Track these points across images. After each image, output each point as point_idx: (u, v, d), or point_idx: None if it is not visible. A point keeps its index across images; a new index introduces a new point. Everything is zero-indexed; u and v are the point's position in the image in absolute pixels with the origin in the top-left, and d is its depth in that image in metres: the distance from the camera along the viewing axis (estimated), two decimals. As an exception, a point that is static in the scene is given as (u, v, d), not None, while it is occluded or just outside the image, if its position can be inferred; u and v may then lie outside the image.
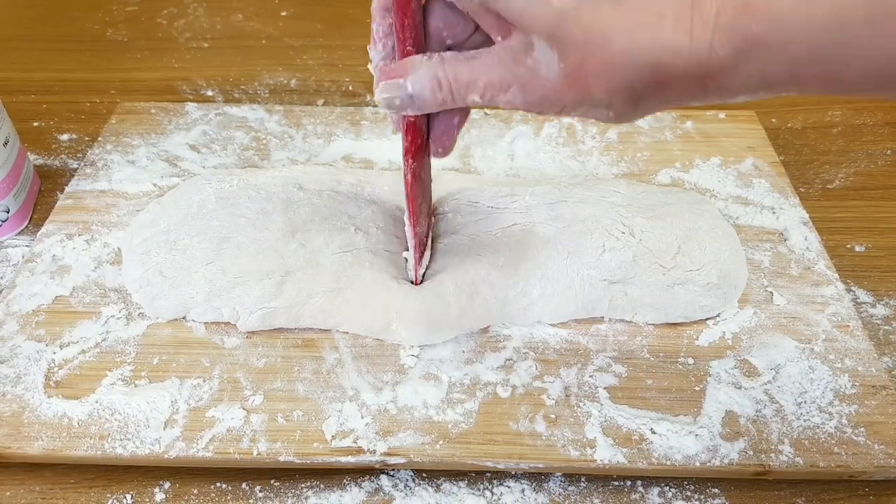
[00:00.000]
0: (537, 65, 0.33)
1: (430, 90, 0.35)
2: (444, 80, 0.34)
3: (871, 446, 0.43)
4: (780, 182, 0.62)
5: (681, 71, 0.31)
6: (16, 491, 0.43)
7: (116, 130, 0.65)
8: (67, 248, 0.54)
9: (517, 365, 0.47)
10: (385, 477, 0.44)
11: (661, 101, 0.33)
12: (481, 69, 0.34)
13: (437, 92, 0.35)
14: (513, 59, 0.33)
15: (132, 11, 0.88)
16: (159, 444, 0.42)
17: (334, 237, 0.50)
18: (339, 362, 0.47)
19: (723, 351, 0.49)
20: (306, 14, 0.89)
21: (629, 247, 0.50)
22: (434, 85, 0.35)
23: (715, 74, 0.31)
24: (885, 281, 0.56)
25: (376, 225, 0.51)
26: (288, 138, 0.66)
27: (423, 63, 0.35)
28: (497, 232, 0.51)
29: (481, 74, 0.34)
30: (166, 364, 0.47)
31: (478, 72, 0.34)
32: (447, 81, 0.34)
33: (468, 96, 0.35)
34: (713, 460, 0.43)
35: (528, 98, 0.34)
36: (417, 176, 0.43)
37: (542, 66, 0.33)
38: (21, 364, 0.46)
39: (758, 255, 0.55)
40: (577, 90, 0.33)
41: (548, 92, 0.33)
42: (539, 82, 0.33)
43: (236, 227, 0.50)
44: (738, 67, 0.30)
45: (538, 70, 0.33)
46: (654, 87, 0.32)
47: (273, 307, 0.48)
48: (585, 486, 0.44)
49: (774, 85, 0.31)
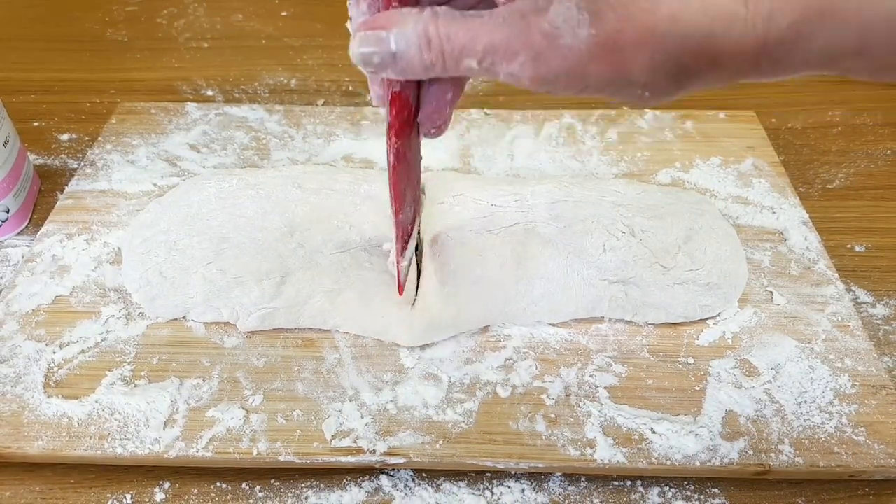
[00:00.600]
0: (557, 30, 0.27)
1: (416, 48, 0.29)
2: (436, 37, 0.28)
3: (871, 446, 0.43)
4: (780, 182, 0.62)
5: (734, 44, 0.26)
6: (16, 491, 0.43)
7: (116, 130, 0.65)
8: (67, 248, 0.54)
9: (517, 365, 0.47)
10: (385, 477, 0.44)
11: (708, 80, 0.28)
12: (482, 30, 0.28)
13: (425, 52, 0.29)
14: (524, 20, 0.28)
15: (132, 11, 0.88)
16: (159, 443, 0.42)
17: (332, 236, 0.50)
18: (339, 362, 0.47)
19: (723, 351, 0.49)
20: (306, 14, 0.89)
21: (629, 246, 0.50)
22: (423, 43, 0.29)
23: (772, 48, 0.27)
24: (885, 281, 0.56)
25: (370, 221, 0.51)
26: (288, 138, 0.66)
27: (412, 16, 0.29)
28: (499, 231, 0.51)
29: (481, 36, 0.28)
30: (166, 364, 0.47)
31: (477, 32, 0.28)
32: (438, 40, 0.28)
33: (462, 61, 0.29)
34: (713, 460, 0.43)
35: (541, 71, 0.28)
36: (402, 156, 0.37)
37: (565, 32, 0.27)
38: (21, 364, 0.46)
39: (758, 254, 0.55)
40: (610, 64, 0.27)
41: (570, 65, 0.27)
42: (558, 52, 0.27)
43: (236, 227, 0.50)
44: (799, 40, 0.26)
45: (558, 37, 0.27)
46: (704, 61, 0.27)
47: (272, 308, 0.48)
48: (585, 486, 0.44)
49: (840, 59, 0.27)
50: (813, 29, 0.26)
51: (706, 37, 0.26)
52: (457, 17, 0.29)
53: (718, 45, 0.27)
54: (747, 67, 0.28)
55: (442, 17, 0.29)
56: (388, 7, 0.30)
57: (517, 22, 0.28)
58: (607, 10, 0.26)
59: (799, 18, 0.26)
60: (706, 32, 0.26)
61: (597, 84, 0.28)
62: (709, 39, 0.26)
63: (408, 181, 0.40)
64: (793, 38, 0.26)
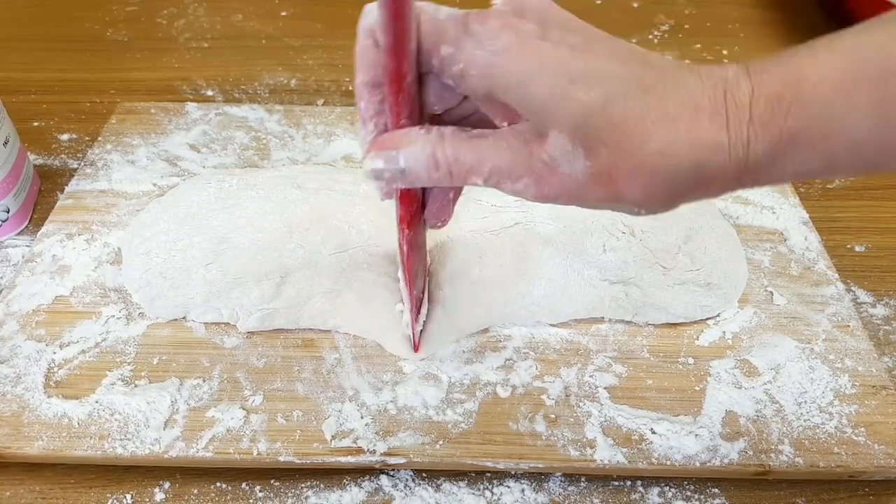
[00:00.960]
0: (555, 160, 0.29)
1: (425, 168, 0.31)
2: (443, 159, 0.30)
3: (871, 446, 0.43)
4: (781, 182, 0.62)
5: (720, 169, 0.29)
6: (16, 491, 0.43)
7: (116, 130, 0.65)
8: (67, 248, 0.54)
9: (517, 365, 0.47)
10: (385, 477, 0.44)
11: (700, 197, 0.31)
12: (487, 152, 0.30)
13: (432, 171, 0.31)
14: (526, 147, 0.30)
15: (132, 11, 0.88)
16: (159, 444, 0.42)
17: (331, 236, 0.50)
18: (339, 362, 0.47)
19: (723, 351, 0.49)
20: (306, 14, 0.89)
21: (629, 247, 0.50)
22: (430, 163, 0.30)
23: (752, 170, 0.29)
24: (885, 281, 0.56)
25: (368, 220, 0.51)
26: (288, 138, 0.66)
27: (420, 137, 0.31)
28: (499, 231, 0.51)
29: (487, 158, 0.30)
30: (166, 364, 0.47)
31: (483, 155, 0.30)
32: (446, 161, 0.30)
33: (468, 179, 0.31)
34: (713, 460, 0.43)
35: (544, 192, 0.30)
36: (413, 244, 0.39)
37: (563, 162, 0.29)
38: (21, 364, 0.46)
39: (758, 254, 0.55)
40: (607, 190, 0.30)
41: (570, 189, 0.30)
42: (558, 178, 0.30)
43: (235, 227, 0.50)
44: (774, 163, 0.29)
45: (558, 165, 0.29)
46: (693, 186, 0.29)
47: (272, 308, 0.48)
48: (585, 486, 0.44)
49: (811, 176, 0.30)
50: (785, 154, 0.28)
51: (695, 167, 0.28)
52: (463, 138, 0.31)
53: (705, 172, 0.29)
54: (732, 185, 0.30)
55: (448, 138, 0.31)
56: (396, 126, 0.32)
57: (521, 148, 0.30)
58: (599, 145, 0.28)
59: (772, 145, 0.28)
60: (694, 163, 0.28)
61: (595, 203, 0.31)
62: (698, 170, 0.28)
63: (418, 261, 0.43)
64: (769, 161, 0.28)
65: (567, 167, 0.29)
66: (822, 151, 0.28)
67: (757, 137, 0.28)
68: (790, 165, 0.29)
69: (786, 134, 0.28)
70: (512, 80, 0.29)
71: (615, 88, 0.28)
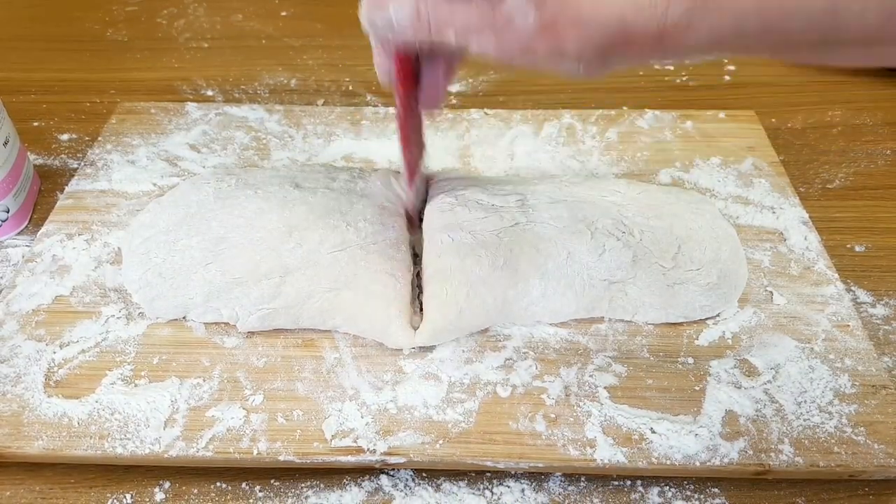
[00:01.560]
0: (512, 15, 0.35)
1: (409, 18, 0.37)
2: (424, 13, 0.36)
3: (871, 446, 0.43)
4: (780, 182, 0.62)
5: (642, 28, 0.33)
6: (16, 490, 0.43)
7: (116, 130, 0.65)
8: (67, 248, 0.54)
9: (517, 364, 0.47)
10: (385, 476, 0.44)
11: (626, 58, 0.35)
12: (459, 10, 0.36)
13: (415, 21, 0.37)
14: (489, 6, 0.35)
15: (132, 11, 0.88)
16: (159, 443, 0.42)
17: (329, 235, 0.50)
18: (339, 362, 0.47)
19: (723, 350, 0.49)
20: (306, 14, 0.89)
21: (629, 246, 0.50)
22: (414, 14, 0.36)
23: (671, 32, 0.33)
24: (884, 281, 0.56)
25: (365, 218, 0.51)
26: (288, 138, 0.66)
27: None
28: (499, 231, 0.51)
29: (458, 16, 0.36)
30: (166, 364, 0.47)
31: (455, 12, 0.36)
32: (426, 13, 0.36)
33: (444, 31, 0.36)
34: (713, 460, 0.43)
35: (502, 45, 0.36)
36: (408, 106, 0.45)
37: (518, 17, 0.35)
38: (21, 364, 0.46)
39: (758, 254, 0.55)
40: (550, 40, 0.35)
41: (522, 41, 0.35)
42: (513, 31, 0.35)
43: (234, 227, 0.50)
44: (690, 25, 0.33)
45: (513, 19, 0.35)
46: (620, 42, 0.34)
47: (272, 308, 0.48)
48: (585, 486, 0.44)
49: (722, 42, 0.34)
50: (700, 16, 0.32)
51: (619, 22, 0.33)
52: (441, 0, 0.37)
53: (630, 28, 0.33)
54: (654, 47, 0.34)
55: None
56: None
57: (485, 8, 0.35)
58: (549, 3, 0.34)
59: (689, 8, 0.32)
60: (619, 18, 0.33)
61: (543, 55, 0.35)
62: (622, 25, 0.33)
63: (413, 129, 0.49)
64: (685, 24, 0.33)
65: (520, 20, 0.34)
66: (731, 12, 0.32)
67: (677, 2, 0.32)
68: (705, 27, 0.33)
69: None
70: None
71: None
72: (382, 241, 0.50)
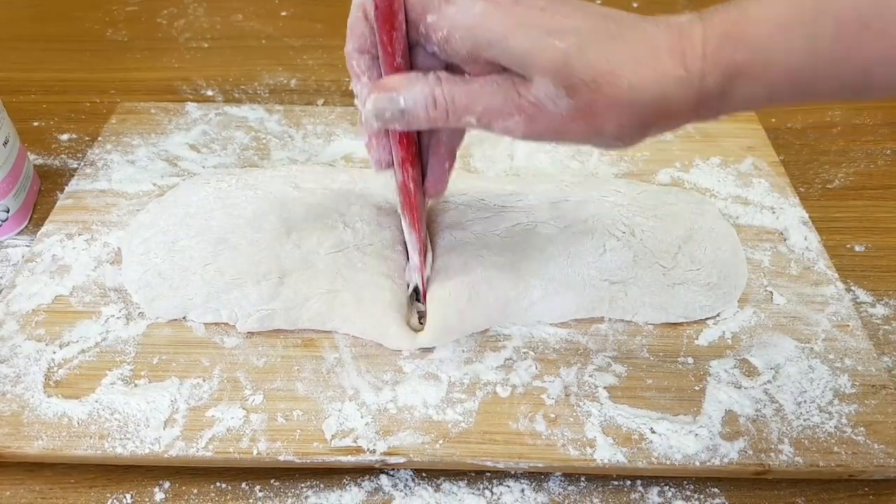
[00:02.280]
0: (542, 100, 0.33)
1: (423, 107, 0.34)
2: (441, 98, 0.34)
3: (871, 446, 0.43)
4: (780, 182, 0.62)
5: (681, 100, 0.33)
6: (15, 491, 0.43)
7: (116, 130, 0.65)
8: (67, 248, 0.54)
9: (517, 364, 0.47)
10: (385, 476, 0.44)
11: (665, 127, 0.35)
12: (480, 94, 0.34)
13: (430, 109, 0.34)
14: (515, 90, 0.33)
15: (132, 11, 0.88)
16: (159, 443, 0.42)
17: (326, 236, 0.50)
18: (339, 362, 0.47)
19: (723, 350, 0.49)
20: (306, 14, 0.89)
21: (629, 247, 0.50)
22: (429, 102, 0.34)
23: (706, 101, 0.33)
24: (884, 281, 0.56)
25: (361, 219, 0.51)
26: (288, 138, 0.66)
27: (419, 79, 0.34)
28: (500, 231, 0.51)
29: (480, 99, 0.34)
30: (166, 364, 0.47)
31: (477, 96, 0.34)
32: (443, 100, 0.34)
33: (463, 118, 0.34)
34: (713, 460, 0.43)
35: (533, 128, 0.34)
36: (417, 182, 0.42)
37: (548, 102, 0.33)
38: (21, 364, 0.46)
39: (757, 254, 0.55)
40: (588, 124, 0.33)
41: (556, 125, 0.34)
42: (546, 115, 0.33)
43: (233, 227, 0.50)
44: (725, 94, 0.33)
45: (544, 104, 0.33)
46: (661, 116, 0.33)
47: (271, 309, 0.48)
48: (585, 486, 0.44)
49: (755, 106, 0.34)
50: (734, 85, 0.33)
51: (659, 99, 0.33)
52: (458, 81, 0.34)
53: (669, 104, 0.33)
54: (691, 115, 0.34)
55: (445, 80, 0.34)
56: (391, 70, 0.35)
57: (510, 90, 0.33)
58: (580, 85, 0.32)
59: (722, 77, 0.32)
60: (659, 96, 0.33)
61: (576, 138, 0.35)
62: (662, 100, 0.33)
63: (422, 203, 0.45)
64: (720, 92, 0.33)
65: (552, 106, 0.33)
66: (764, 81, 0.32)
67: (709, 71, 0.32)
68: (738, 95, 0.33)
69: (733, 66, 0.32)
70: (494, 37, 0.32)
71: (587, 37, 0.32)
72: (379, 241, 0.50)
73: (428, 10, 0.33)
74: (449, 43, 0.33)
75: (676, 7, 0.91)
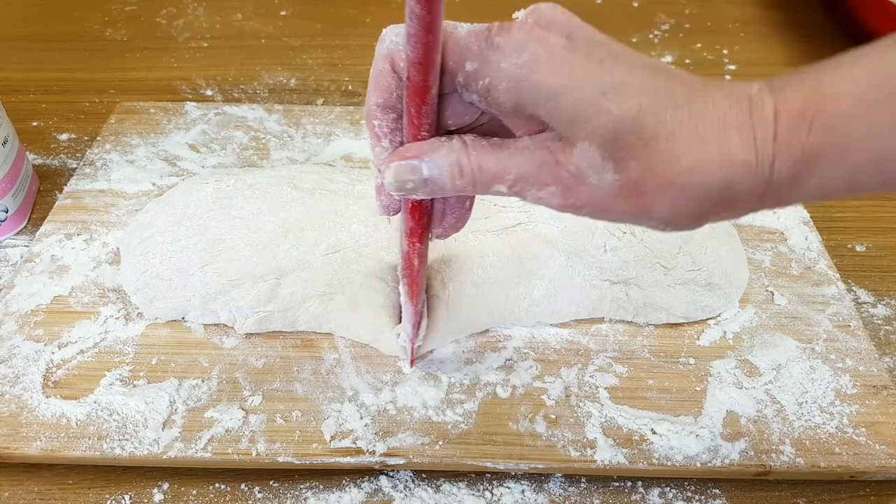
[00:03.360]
0: (582, 171, 0.29)
1: (448, 176, 0.30)
2: (468, 167, 0.30)
3: (873, 446, 0.43)
4: (781, 181, 0.62)
5: (747, 188, 0.28)
6: (14, 491, 0.43)
7: (115, 130, 0.65)
8: (66, 248, 0.53)
9: (517, 365, 0.47)
10: (384, 478, 0.44)
11: (724, 217, 0.30)
12: (512, 161, 0.30)
13: (456, 179, 0.30)
14: (551, 157, 0.29)
15: (131, 11, 0.88)
16: (158, 444, 0.42)
17: (323, 237, 0.50)
18: (339, 362, 0.47)
19: (724, 351, 0.49)
20: (306, 13, 0.89)
21: (630, 247, 0.50)
22: (455, 171, 0.30)
23: (776, 189, 0.29)
24: (885, 281, 0.56)
25: (358, 220, 0.51)
26: (287, 138, 0.65)
27: (444, 145, 0.30)
28: (500, 231, 0.50)
29: (512, 167, 0.30)
30: (165, 364, 0.47)
31: (507, 163, 0.30)
32: (470, 169, 0.30)
33: (492, 187, 0.31)
34: (714, 461, 0.43)
35: (570, 202, 0.30)
36: (423, 259, 0.39)
37: (590, 174, 0.29)
38: (19, 364, 0.46)
39: (758, 254, 0.55)
40: (634, 204, 0.29)
41: (596, 200, 0.30)
42: (585, 188, 0.29)
43: (232, 227, 0.50)
44: (797, 181, 0.28)
45: (585, 177, 0.29)
46: (721, 205, 0.29)
47: (269, 311, 0.48)
48: (586, 487, 0.44)
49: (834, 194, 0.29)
50: (808, 170, 0.28)
51: (723, 186, 0.28)
52: (486, 146, 0.30)
53: (733, 191, 0.28)
54: (756, 205, 0.30)
55: (472, 146, 0.30)
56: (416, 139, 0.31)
57: (546, 157, 0.29)
58: (629, 159, 0.28)
59: (796, 162, 0.28)
60: (722, 183, 0.28)
61: (621, 217, 0.30)
62: (725, 188, 0.28)
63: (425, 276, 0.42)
64: (792, 179, 0.28)
65: (595, 179, 0.29)
66: (844, 167, 0.28)
67: (781, 155, 0.28)
68: (813, 182, 0.28)
69: (808, 150, 0.28)
70: (542, 93, 0.28)
71: (647, 102, 0.28)
72: (374, 243, 0.50)
73: (467, 58, 0.29)
74: (491, 94, 0.29)
75: (677, 6, 0.91)
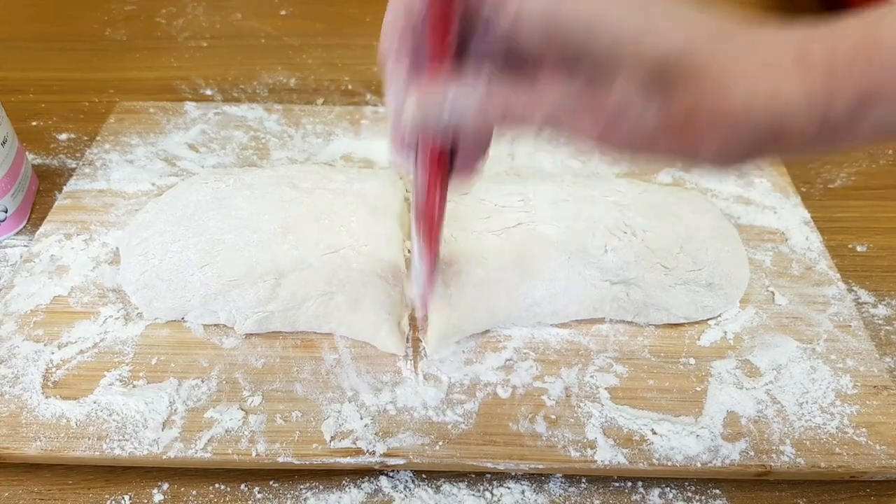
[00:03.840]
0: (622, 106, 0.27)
1: (473, 113, 0.28)
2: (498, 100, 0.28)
3: (873, 447, 0.43)
4: (782, 182, 0.62)
5: (803, 122, 0.27)
6: (14, 492, 0.43)
7: (115, 130, 0.65)
8: (66, 248, 0.53)
9: (517, 365, 0.47)
10: (384, 478, 0.44)
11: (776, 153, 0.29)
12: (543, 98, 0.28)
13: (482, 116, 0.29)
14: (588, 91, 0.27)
15: (131, 11, 0.88)
16: (157, 444, 0.42)
17: (323, 237, 0.49)
18: (339, 363, 0.47)
19: (724, 351, 0.49)
20: (305, 13, 0.89)
21: (631, 247, 0.50)
22: (484, 106, 0.28)
23: (832, 125, 0.27)
24: (886, 281, 0.56)
25: (357, 219, 0.51)
26: (287, 137, 0.65)
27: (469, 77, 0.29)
28: (501, 231, 0.50)
29: (543, 104, 0.28)
30: (164, 364, 0.46)
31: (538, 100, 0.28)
32: (501, 103, 0.28)
33: (524, 121, 0.28)
34: (714, 461, 0.42)
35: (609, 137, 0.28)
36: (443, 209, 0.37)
37: (632, 107, 0.27)
38: (19, 364, 0.46)
39: (759, 254, 0.55)
40: (681, 141, 0.28)
41: (637, 138, 0.28)
42: (626, 124, 0.27)
43: (231, 227, 0.50)
44: (854, 119, 0.27)
45: (625, 110, 0.27)
46: (772, 142, 0.28)
47: (268, 311, 0.48)
48: (586, 487, 0.44)
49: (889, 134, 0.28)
50: (865, 107, 0.27)
51: (778, 118, 0.27)
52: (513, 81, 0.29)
53: (786, 128, 0.27)
54: (808, 144, 0.28)
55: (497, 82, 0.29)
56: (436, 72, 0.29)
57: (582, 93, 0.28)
58: (677, 96, 0.27)
59: (853, 98, 0.27)
60: (776, 118, 0.27)
61: (664, 153, 0.29)
62: (780, 120, 0.27)
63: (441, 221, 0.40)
64: (849, 115, 0.27)
65: (636, 112, 0.27)
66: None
67: (837, 91, 0.27)
68: (870, 120, 0.27)
69: (866, 85, 0.26)
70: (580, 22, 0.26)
71: (699, 32, 0.26)
72: (374, 242, 0.50)
73: None
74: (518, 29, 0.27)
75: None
